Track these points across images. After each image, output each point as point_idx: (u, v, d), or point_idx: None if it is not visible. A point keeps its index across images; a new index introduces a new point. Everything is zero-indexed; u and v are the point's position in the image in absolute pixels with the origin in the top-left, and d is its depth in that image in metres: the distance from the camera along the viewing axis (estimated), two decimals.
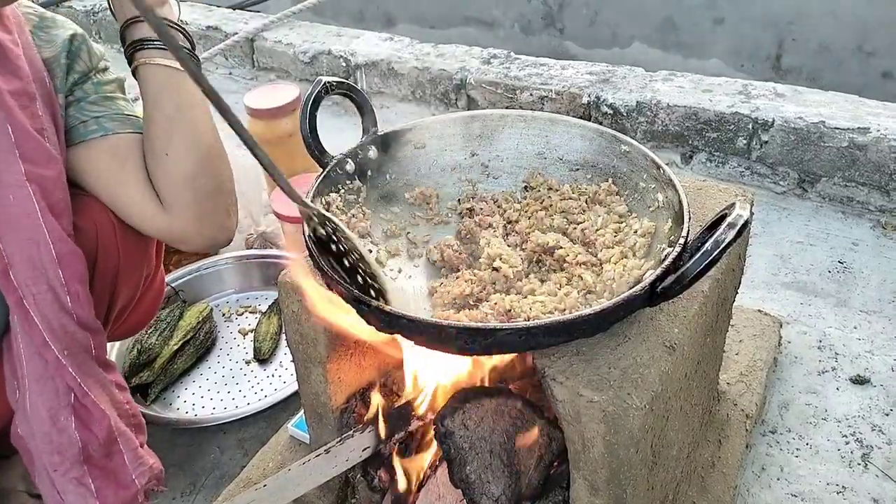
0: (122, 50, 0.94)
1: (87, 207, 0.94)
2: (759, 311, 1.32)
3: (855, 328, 1.35)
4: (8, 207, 0.85)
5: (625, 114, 1.80)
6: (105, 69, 0.99)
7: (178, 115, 0.92)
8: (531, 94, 1.91)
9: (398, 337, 0.79)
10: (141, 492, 0.97)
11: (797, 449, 1.14)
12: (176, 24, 0.94)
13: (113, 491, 0.95)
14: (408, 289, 0.88)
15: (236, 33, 2.37)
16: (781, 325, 1.31)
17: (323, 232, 0.75)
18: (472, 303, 0.83)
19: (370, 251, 0.89)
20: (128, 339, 1.38)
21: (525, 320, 0.77)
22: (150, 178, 0.96)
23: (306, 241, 0.79)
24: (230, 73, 2.48)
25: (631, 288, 0.74)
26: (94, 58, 0.97)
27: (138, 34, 0.92)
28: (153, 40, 0.91)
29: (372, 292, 0.76)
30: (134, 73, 0.94)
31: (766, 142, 1.66)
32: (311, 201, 0.86)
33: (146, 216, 0.96)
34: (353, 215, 0.91)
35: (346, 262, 0.77)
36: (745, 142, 1.68)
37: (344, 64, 2.20)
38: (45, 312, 0.88)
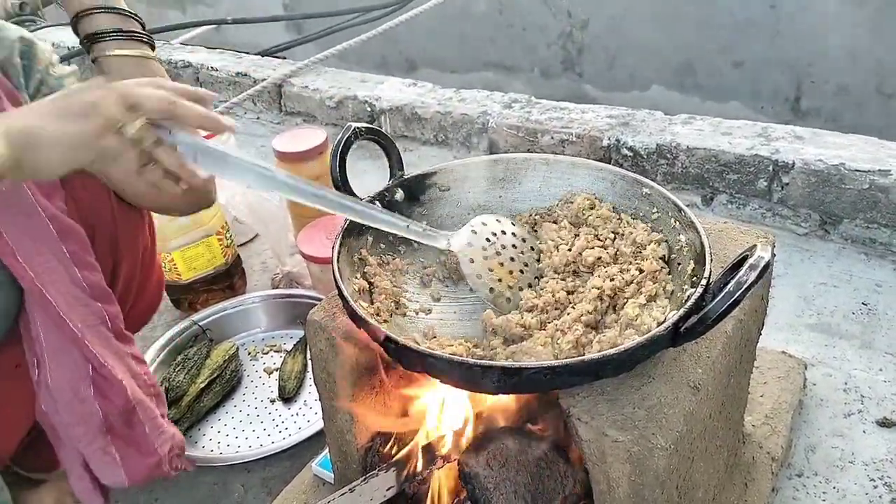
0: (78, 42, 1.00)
1: (78, 181, 0.99)
2: (784, 352, 1.31)
3: (880, 370, 1.34)
4: (3, 196, 0.89)
5: (645, 156, 1.82)
6: (57, 62, 1.04)
7: None
8: (552, 138, 1.94)
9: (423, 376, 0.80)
10: (165, 461, 0.99)
11: (824, 493, 1.13)
12: (128, 10, 1.00)
13: (137, 459, 0.98)
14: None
15: (265, 79, 2.44)
16: (806, 367, 1.30)
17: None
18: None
19: (415, 301, 0.92)
20: (156, 375, 1.41)
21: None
22: None
23: (338, 285, 0.81)
24: (258, 118, 2.55)
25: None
26: (46, 55, 1.03)
27: (92, 27, 0.97)
28: (108, 32, 0.97)
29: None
30: (93, 62, 0.99)
31: (787, 184, 1.67)
32: (341, 244, 0.89)
33: (127, 189, 1.01)
34: (386, 262, 0.94)
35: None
36: (765, 184, 1.70)
37: (369, 109, 2.25)
38: (58, 287, 0.92)
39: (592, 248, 0.93)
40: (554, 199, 1.01)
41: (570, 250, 0.93)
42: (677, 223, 0.90)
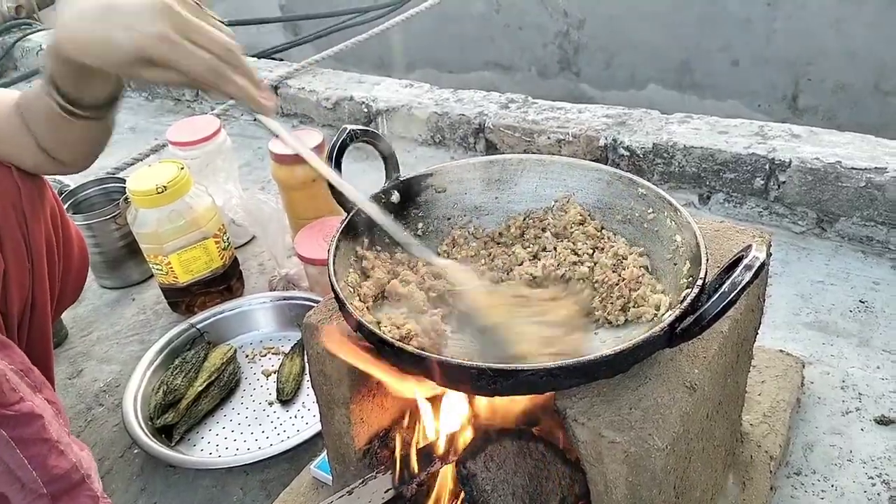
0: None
1: None
2: (782, 351, 1.31)
3: (878, 368, 1.34)
4: None
5: (641, 156, 1.82)
6: None
7: None
8: (548, 138, 1.94)
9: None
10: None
11: (822, 491, 1.13)
12: None
13: None
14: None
15: (261, 81, 2.44)
16: (804, 366, 1.30)
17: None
18: None
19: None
20: (154, 381, 1.41)
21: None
22: None
23: (333, 286, 0.81)
24: (255, 120, 2.55)
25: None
26: None
27: None
28: None
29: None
30: None
31: (784, 182, 1.67)
32: (337, 246, 0.88)
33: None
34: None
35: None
36: (762, 182, 1.70)
37: (365, 109, 2.25)
38: None
39: (574, 262, 0.94)
40: (550, 200, 1.01)
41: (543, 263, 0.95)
42: (673, 223, 0.90)
